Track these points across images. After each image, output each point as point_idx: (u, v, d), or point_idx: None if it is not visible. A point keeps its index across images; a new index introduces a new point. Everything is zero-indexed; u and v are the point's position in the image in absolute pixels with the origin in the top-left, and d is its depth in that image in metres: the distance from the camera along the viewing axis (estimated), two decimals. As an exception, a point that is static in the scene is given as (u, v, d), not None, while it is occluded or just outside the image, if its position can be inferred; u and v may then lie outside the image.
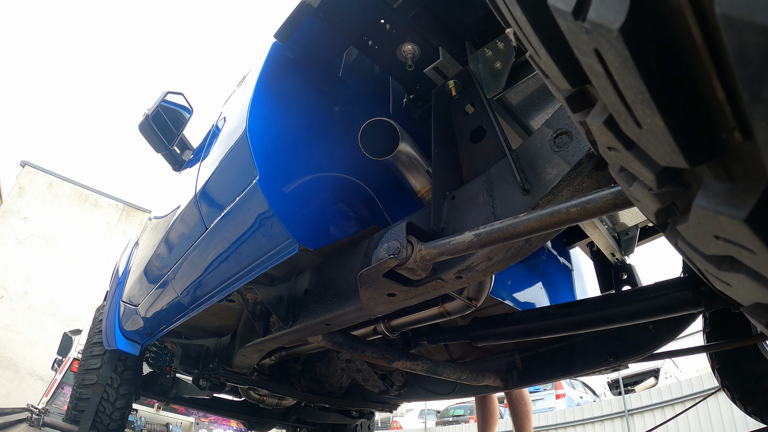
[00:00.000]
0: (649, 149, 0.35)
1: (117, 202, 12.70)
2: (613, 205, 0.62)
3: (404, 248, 0.93)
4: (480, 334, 1.61)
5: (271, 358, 2.05)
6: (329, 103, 1.56)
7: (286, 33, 1.31)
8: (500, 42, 1.20)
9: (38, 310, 10.59)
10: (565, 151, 0.86)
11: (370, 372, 2.23)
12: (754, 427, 1.68)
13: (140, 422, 6.67)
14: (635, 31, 0.29)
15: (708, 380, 6.49)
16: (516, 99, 1.40)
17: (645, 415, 7.31)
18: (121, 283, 2.80)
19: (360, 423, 3.18)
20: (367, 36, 1.31)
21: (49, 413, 3.07)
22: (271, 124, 1.35)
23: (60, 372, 6.89)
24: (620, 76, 0.32)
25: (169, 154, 2.26)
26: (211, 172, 1.55)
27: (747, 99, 0.26)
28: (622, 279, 1.85)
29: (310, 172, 1.35)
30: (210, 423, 8.40)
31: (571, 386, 10.36)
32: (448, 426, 11.66)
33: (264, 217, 1.24)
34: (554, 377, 1.82)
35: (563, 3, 0.33)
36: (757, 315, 0.40)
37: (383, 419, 14.37)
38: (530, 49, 0.48)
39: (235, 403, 3.03)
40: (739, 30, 0.24)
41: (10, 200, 11.11)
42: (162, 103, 2.24)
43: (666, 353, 1.66)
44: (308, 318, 1.33)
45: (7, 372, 9.79)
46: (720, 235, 0.33)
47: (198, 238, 1.60)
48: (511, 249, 1.01)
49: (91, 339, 2.72)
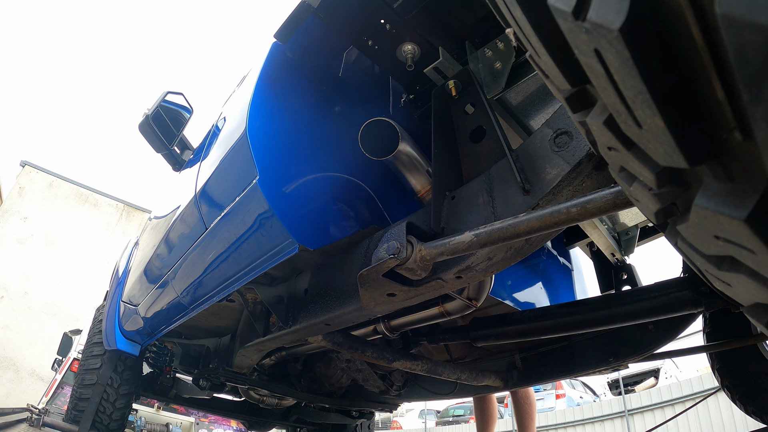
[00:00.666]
0: (649, 149, 0.35)
1: (117, 202, 12.71)
2: (613, 205, 0.62)
3: (404, 248, 0.93)
4: (480, 334, 1.60)
5: (271, 358, 2.05)
6: (329, 103, 1.56)
7: (286, 33, 1.31)
8: (500, 42, 1.20)
9: (38, 310, 10.59)
10: (565, 151, 0.86)
11: (370, 372, 2.23)
12: (754, 427, 1.68)
13: (140, 422, 6.68)
14: (635, 31, 0.29)
15: (708, 380, 6.49)
16: (516, 99, 1.40)
17: (645, 415, 7.31)
18: (121, 283, 2.80)
19: (360, 423, 3.18)
20: (367, 36, 1.31)
21: (49, 413, 3.07)
22: (271, 124, 1.35)
23: (60, 372, 6.90)
24: (620, 76, 0.32)
25: (169, 154, 2.26)
26: (211, 172, 1.55)
27: (747, 99, 0.25)
28: (622, 279, 1.85)
29: (310, 172, 1.35)
30: (210, 423, 8.40)
31: (571, 386, 10.36)
32: (448, 426, 11.67)
33: (264, 217, 1.24)
34: (554, 377, 1.82)
35: (563, 3, 0.33)
36: (757, 315, 0.40)
37: (383, 419, 14.37)
38: (530, 49, 0.48)
39: (235, 403, 3.03)
40: (739, 30, 0.24)
41: (10, 200, 11.12)
42: (162, 103, 2.24)
43: (666, 353, 1.66)
44: (308, 318, 1.33)
45: (7, 372, 9.79)
46: (720, 235, 0.33)
47: (198, 238, 1.60)
48: (511, 249, 1.01)
49: (91, 339, 2.73)
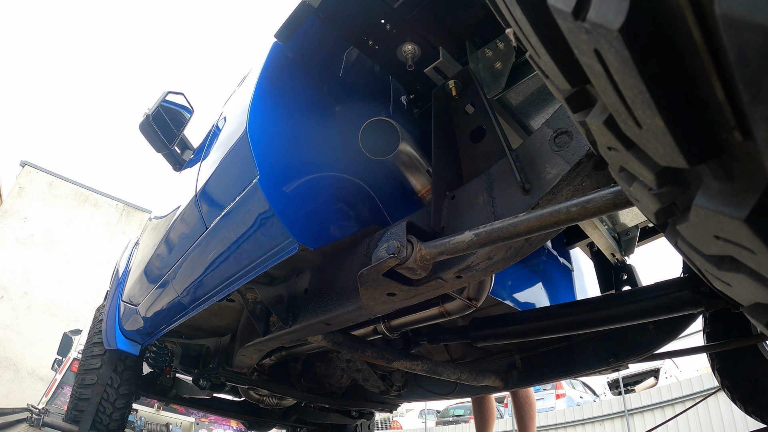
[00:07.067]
0: (649, 149, 0.35)
1: (117, 202, 12.71)
2: (613, 204, 0.62)
3: (404, 248, 0.93)
4: (480, 334, 1.60)
5: (271, 358, 2.05)
6: (329, 103, 1.56)
7: (286, 33, 1.31)
8: (500, 42, 1.20)
9: (38, 310, 10.59)
10: (565, 150, 0.87)
11: (370, 372, 2.23)
12: (754, 427, 1.68)
13: (140, 422, 6.68)
14: (635, 31, 0.29)
15: (708, 380, 6.49)
16: (516, 99, 1.40)
17: (645, 415, 7.31)
18: (121, 283, 2.79)
19: (360, 423, 3.18)
20: (367, 36, 1.31)
21: (49, 413, 3.07)
22: (272, 123, 1.35)
23: (60, 372, 6.90)
24: (620, 76, 0.32)
25: (169, 154, 2.26)
26: (211, 172, 1.55)
27: (747, 99, 0.26)
28: (622, 279, 1.85)
29: (310, 171, 1.35)
30: (210, 423, 8.41)
31: (571, 386, 10.36)
32: (448, 426, 11.67)
33: (264, 217, 1.24)
34: (554, 377, 1.82)
35: (563, 3, 0.33)
36: (757, 315, 0.40)
37: (383, 419, 14.37)
38: (530, 49, 0.48)
39: (235, 403, 3.03)
40: (739, 30, 0.24)
41: (10, 200, 11.12)
42: (162, 103, 2.24)
43: (666, 353, 1.66)
44: (308, 318, 1.33)
45: (7, 372, 9.79)
46: (720, 235, 0.33)
47: (198, 237, 1.60)
48: (511, 249, 1.01)
49: (91, 339, 2.72)
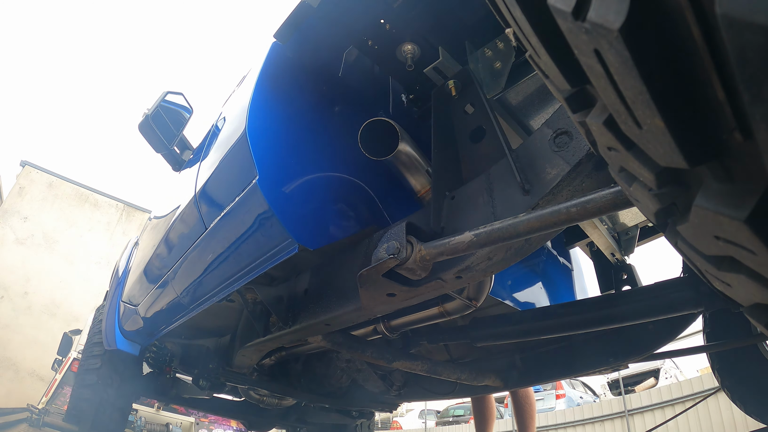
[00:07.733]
0: (649, 149, 0.35)
1: (117, 202, 12.71)
2: (613, 205, 0.62)
3: (404, 248, 0.92)
4: (480, 334, 1.60)
5: (271, 358, 2.05)
6: (329, 103, 1.56)
7: (286, 33, 1.31)
8: (500, 42, 1.20)
9: (38, 310, 10.59)
10: (565, 151, 0.86)
11: (370, 372, 2.23)
12: (754, 427, 1.68)
13: (140, 422, 6.69)
14: (635, 32, 0.29)
15: (708, 380, 6.48)
16: (516, 99, 1.40)
17: (645, 415, 7.31)
18: (121, 283, 2.79)
19: (360, 423, 3.18)
20: (367, 36, 1.31)
21: (49, 413, 3.07)
22: (271, 124, 1.35)
23: (60, 372, 6.89)
24: (620, 77, 0.32)
25: (168, 154, 2.26)
26: (210, 172, 1.55)
27: (747, 99, 0.25)
28: (622, 279, 1.85)
29: (309, 172, 1.35)
30: (210, 423, 8.41)
31: (571, 386, 10.36)
32: (448, 426, 11.66)
33: (264, 217, 1.24)
34: (554, 377, 1.82)
35: (563, 3, 0.33)
36: (757, 315, 0.40)
37: (383, 419, 14.36)
38: (530, 49, 0.48)
39: (235, 403, 3.03)
40: (739, 30, 0.23)
41: (10, 200, 11.12)
42: (162, 103, 2.24)
43: (666, 353, 1.66)
44: (308, 318, 1.33)
45: (7, 372, 9.79)
46: (720, 235, 0.33)
47: (198, 238, 1.60)
48: (510, 249, 1.01)
49: (91, 339, 2.72)
